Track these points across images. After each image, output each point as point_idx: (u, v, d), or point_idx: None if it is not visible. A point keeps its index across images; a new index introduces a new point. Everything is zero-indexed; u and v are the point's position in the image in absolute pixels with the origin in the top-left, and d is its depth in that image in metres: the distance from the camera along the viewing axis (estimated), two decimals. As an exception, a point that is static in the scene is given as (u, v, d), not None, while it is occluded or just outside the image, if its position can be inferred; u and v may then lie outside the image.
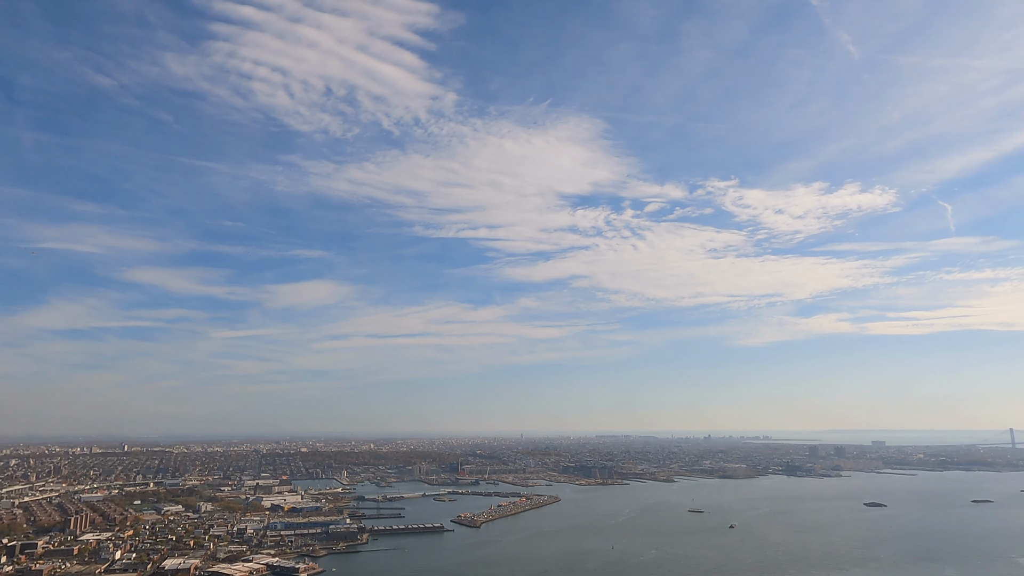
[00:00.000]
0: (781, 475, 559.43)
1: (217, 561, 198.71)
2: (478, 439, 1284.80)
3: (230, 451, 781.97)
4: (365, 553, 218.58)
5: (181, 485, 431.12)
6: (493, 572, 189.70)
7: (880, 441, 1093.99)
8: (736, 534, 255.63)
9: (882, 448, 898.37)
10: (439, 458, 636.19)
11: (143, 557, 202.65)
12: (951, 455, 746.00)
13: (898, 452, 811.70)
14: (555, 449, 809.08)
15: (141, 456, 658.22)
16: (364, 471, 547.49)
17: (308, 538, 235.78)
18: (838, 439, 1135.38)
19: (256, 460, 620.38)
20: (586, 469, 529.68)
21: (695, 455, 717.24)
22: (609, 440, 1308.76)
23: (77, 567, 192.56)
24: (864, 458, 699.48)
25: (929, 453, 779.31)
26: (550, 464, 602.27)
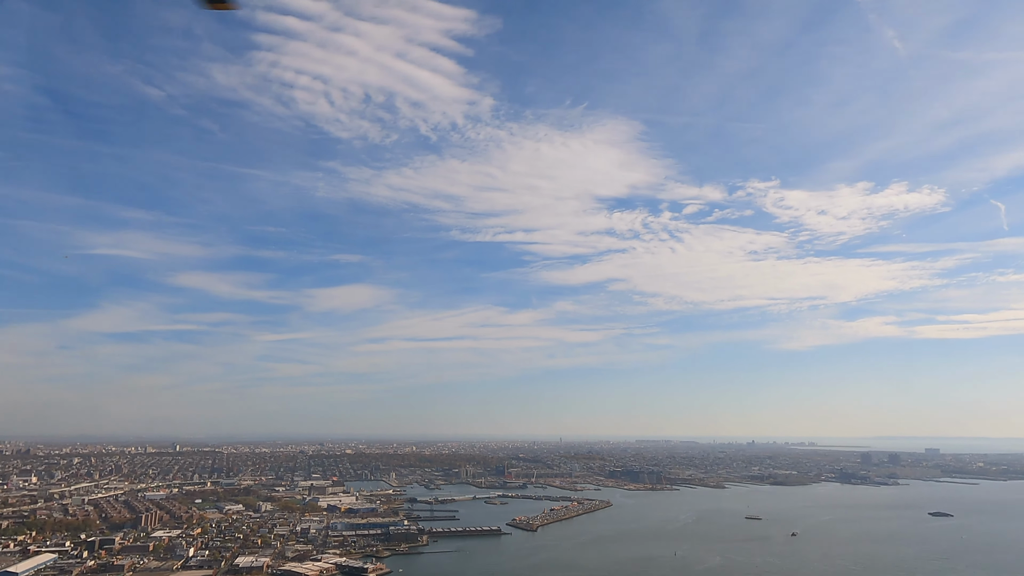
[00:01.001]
0: (834, 482, 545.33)
1: (286, 560, 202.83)
2: (516, 443, 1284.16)
3: (277, 452, 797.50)
4: (427, 555, 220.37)
5: (237, 485, 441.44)
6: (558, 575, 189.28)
7: (934, 449, 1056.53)
8: (799, 542, 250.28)
9: (937, 456, 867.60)
10: (483, 461, 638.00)
11: (215, 555, 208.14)
12: (1012, 464, 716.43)
13: (955, 460, 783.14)
14: (598, 454, 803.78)
15: (194, 456, 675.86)
16: (411, 473, 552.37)
17: (370, 539, 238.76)
18: (886, 446, 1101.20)
19: (304, 461, 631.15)
20: (633, 474, 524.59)
21: (742, 461, 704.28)
22: (650, 445, 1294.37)
23: (154, 563, 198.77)
24: (920, 466, 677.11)
25: (989, 462, 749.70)
26: (595, 468, 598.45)
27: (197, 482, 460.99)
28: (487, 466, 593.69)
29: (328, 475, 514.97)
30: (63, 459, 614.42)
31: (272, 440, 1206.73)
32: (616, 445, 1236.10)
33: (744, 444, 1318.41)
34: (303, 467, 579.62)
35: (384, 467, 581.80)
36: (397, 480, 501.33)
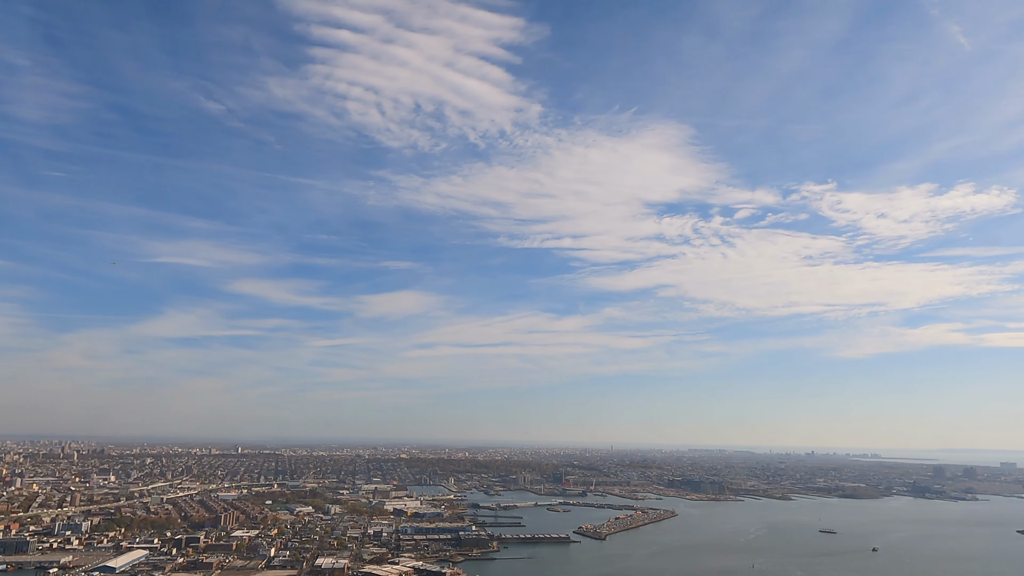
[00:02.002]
0: (906, 496, 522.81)
1: (364, 562, 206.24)
2: (567, 450, 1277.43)
3: (334, 455, 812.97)
4: (500, 561, 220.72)
5: (302, 487, 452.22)
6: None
7: (1010, 463, 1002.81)
8: (881, 558, 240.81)
9: (1015, 470, 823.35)
10: (539, 468, 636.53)
11: (296, 555, 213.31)
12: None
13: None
14: (653, 462, 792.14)
15: (256, 458, 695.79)
16: (468, 479, 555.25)
17: (441, 543, 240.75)
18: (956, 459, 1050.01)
19: (362, 465, 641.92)
20: (694, 484, 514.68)
21: (805, 472, 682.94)
22: (704, 454, 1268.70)
23: (239, 562, 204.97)
24: (998, 480, 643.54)
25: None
26: (653, 477, 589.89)
27: (264, 484, 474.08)
28: (543, 473, 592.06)
29: (388, 479, 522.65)
30: (136, 459, 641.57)
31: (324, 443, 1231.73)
32: (669, 454, 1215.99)
33: (803, 455, 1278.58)
34: (362, 471, 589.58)
35: (441, 472, 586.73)
36: (456, 485, 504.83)
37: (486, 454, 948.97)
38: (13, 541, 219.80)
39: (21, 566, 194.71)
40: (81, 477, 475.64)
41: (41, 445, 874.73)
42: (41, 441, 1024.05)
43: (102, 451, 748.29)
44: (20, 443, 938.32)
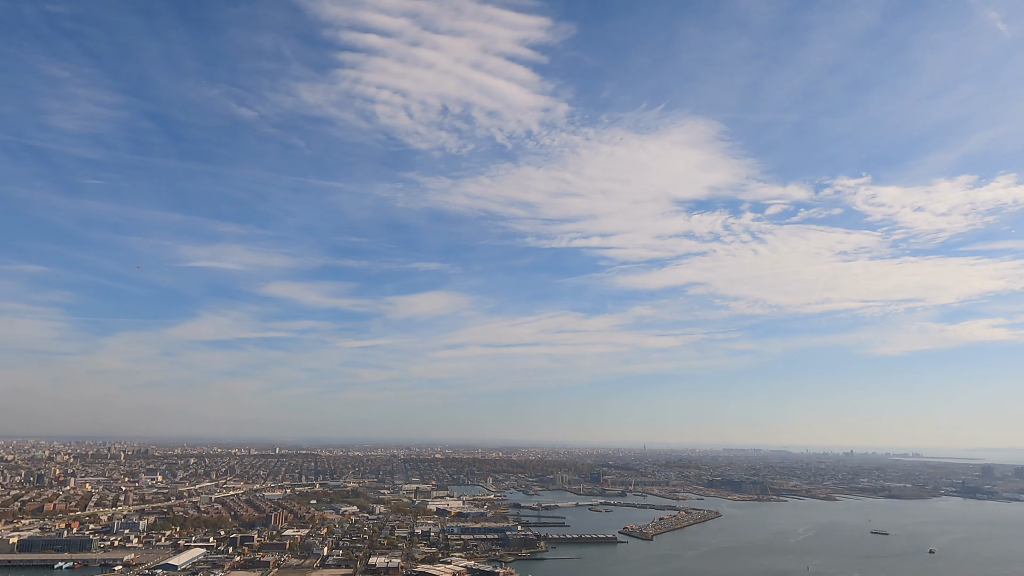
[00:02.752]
0: (955, 496, 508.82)
1: (416, 561, 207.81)
2: (599, 449, 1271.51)
3: (369, 455, 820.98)
4: (549, 561, 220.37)
5: (343, 487, 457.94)
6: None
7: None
8: (939, 560, 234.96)
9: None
10: (574, 468, 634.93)
11: (349, 554, 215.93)
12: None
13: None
14: (689, 462, 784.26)
15: (295, 458, 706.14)
16: (506, 479, 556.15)
17: (489, 543, 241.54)
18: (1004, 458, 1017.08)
19: (399, 465, 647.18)
20: (735, 484, 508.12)
21: (847, 472, 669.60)
22: (739, 454, 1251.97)
23: (294, 560, 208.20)
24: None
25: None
26: (692, 477, 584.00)
27: (306, 483, 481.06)
28: (580, 473, 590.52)
29: (426, 479, 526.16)
30: (180, 459, 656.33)
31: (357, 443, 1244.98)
32: (704, 453, 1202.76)
33: (841, 454, 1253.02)
34: (400, 471, 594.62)
35: (478, 472, 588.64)
36: (494, 485, 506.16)
37: (519, 454, 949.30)
38: (77, 539, 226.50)
39: (87, 563, 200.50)
40: (130, 477, 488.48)
41: (87, 446, 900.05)
42: (86, 442, 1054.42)
43: (146, 451, 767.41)
44: (67, 444, 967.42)
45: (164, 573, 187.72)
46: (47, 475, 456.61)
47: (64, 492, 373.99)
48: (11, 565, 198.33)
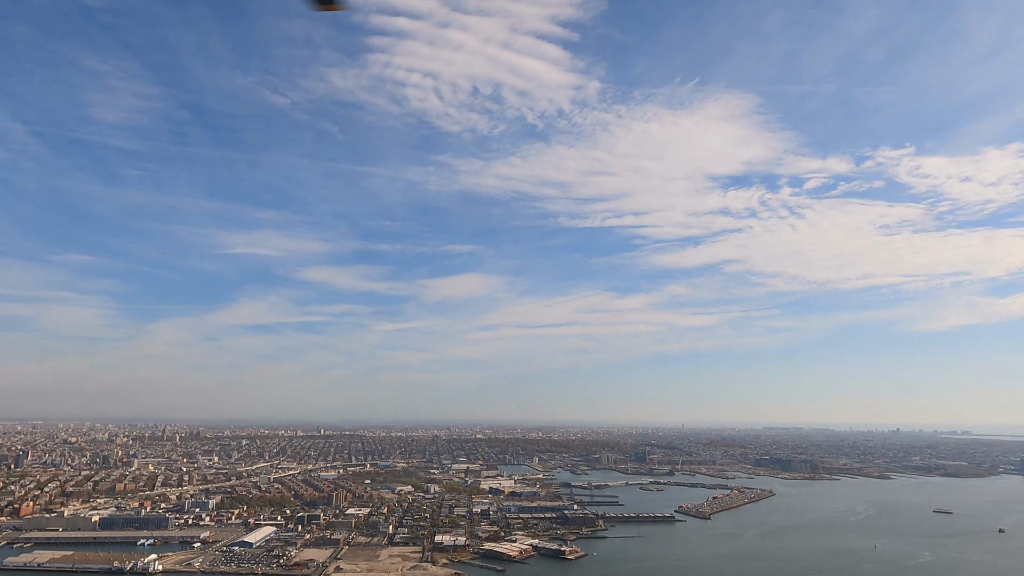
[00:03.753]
0: (1015, 475, 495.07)
1: (480, 540, 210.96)
2: (639, 428, 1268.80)
3: (411, 436, 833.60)
4: (610, 539, 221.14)
5: (393, 467, 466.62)
6: (762, 566, 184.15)
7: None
8: (1012, 540, 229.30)
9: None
10: (617, 447, 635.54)
11: (414, 532, 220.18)
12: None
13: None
14: (732, 441, 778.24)
15: (340, 439, 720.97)
16: (551, 458, 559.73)
17: (549, 522, 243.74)
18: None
19: (444, 445, 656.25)
20: (784, 462, 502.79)
21: (897, 450, 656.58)
22: (781, 432, 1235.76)
23: (362, 539, 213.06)
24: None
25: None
26: (738, 456, 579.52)
27: (356, 463, 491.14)
28: (624, 452, 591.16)
29: (472, 459, 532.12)
30: (231, 441, 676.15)
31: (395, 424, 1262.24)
32: (745, 432, 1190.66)
33: (887, 432, 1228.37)
34: (445, 451, 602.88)
35: (523, 452, 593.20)
36: (541, 465, 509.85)
37: (559, 433, 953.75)
38: (154, 517, 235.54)
39: (166, 540, 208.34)
40: (187, 458, 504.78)
41: (139, 428, 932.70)
42: (138, 424, 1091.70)
43: (198, 433, 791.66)
44: (120, 426, 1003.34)
45: (241, 550, 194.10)
46: (111, 456, 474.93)
47: (131, 472, 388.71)
48: (96, 542, 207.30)
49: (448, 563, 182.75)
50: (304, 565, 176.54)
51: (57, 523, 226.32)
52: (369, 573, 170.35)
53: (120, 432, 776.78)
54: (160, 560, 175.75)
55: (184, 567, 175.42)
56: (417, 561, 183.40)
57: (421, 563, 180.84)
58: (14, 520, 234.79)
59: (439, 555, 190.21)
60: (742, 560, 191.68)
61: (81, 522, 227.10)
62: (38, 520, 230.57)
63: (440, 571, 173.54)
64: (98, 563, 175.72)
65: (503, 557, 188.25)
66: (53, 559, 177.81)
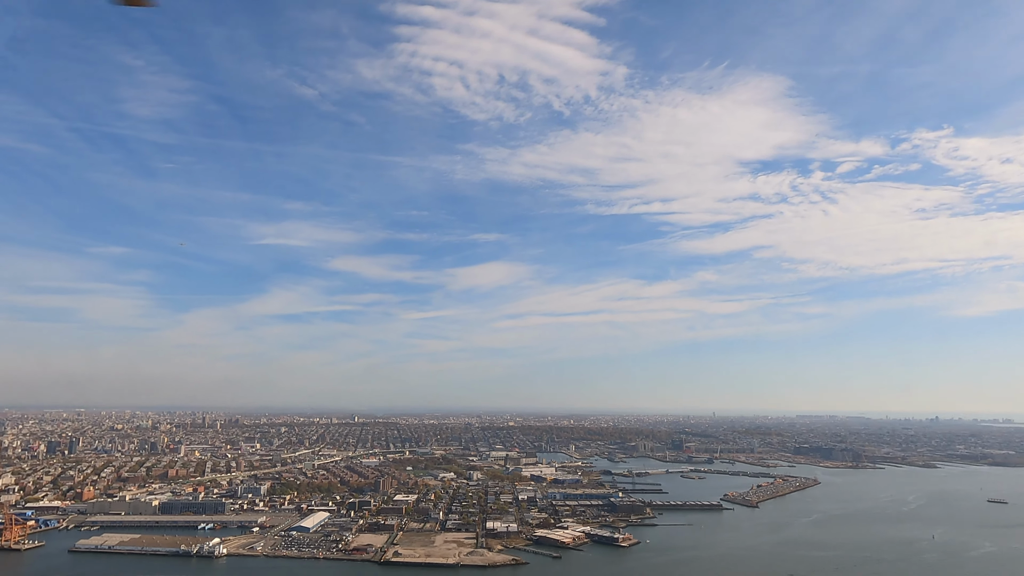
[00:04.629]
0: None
1: (531, 526, 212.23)
2: (667, 416, 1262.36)
3: (444, 424, 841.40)
4: (661, 527, 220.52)
5: (431, 454, 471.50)
6: (820, 556, 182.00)
7: None
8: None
9: None
10: (651, 435, 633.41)
11: (465, 519, 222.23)
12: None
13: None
14: (768, 429, 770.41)
15: (376, 427, 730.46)
16: (586, 446, 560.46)
17: (597, 509, 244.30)
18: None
19: (478, 433, 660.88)
20: (824, 451, 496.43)
21: (940, 439, 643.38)
22: (815, 420, 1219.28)
23: (414, 524, 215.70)
24: None
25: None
26: (776, 444, 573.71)
27: (395, 451, 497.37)
28: (659, 440, 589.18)
29: (508, 446, 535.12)
30: (270, 428, 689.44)
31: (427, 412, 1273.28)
32: (777, 420, 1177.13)
33: (925, 421, 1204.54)
34: (480, 438, 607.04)
35: (558, 440, 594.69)
36: (577, 453, 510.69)
37: (590, 421, 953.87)
38: (211, 502, 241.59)
39: (225, 525, 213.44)
40: (231, 445, 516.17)
41: (177, 416, 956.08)
42: (177, 412, 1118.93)
43: (236, 421, 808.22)
44: (160, 413, 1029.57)
45: (299, 534, 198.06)
46: (158, 443, 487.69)
47: (179, 459, 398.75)
48: (158, 526, 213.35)
49: (503, 549, 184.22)
50: (363, 550, 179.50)
51: (119, 507, 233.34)
52: (428, 558, 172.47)
53: (163, 420, 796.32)
54: (223, 544, 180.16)
55: (247, 551, 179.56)
56: (472, 547, 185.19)
57: (477, 549, 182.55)
58: (78, 504, 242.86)
59: (492, 541, 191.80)
60: (798, 549, 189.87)
61: (142, 506, 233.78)
62: (101, 504, 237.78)
63: (497, 557, 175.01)
64: (165, 546, 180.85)
65: (557, 543, 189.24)
66: (122, 542, 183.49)
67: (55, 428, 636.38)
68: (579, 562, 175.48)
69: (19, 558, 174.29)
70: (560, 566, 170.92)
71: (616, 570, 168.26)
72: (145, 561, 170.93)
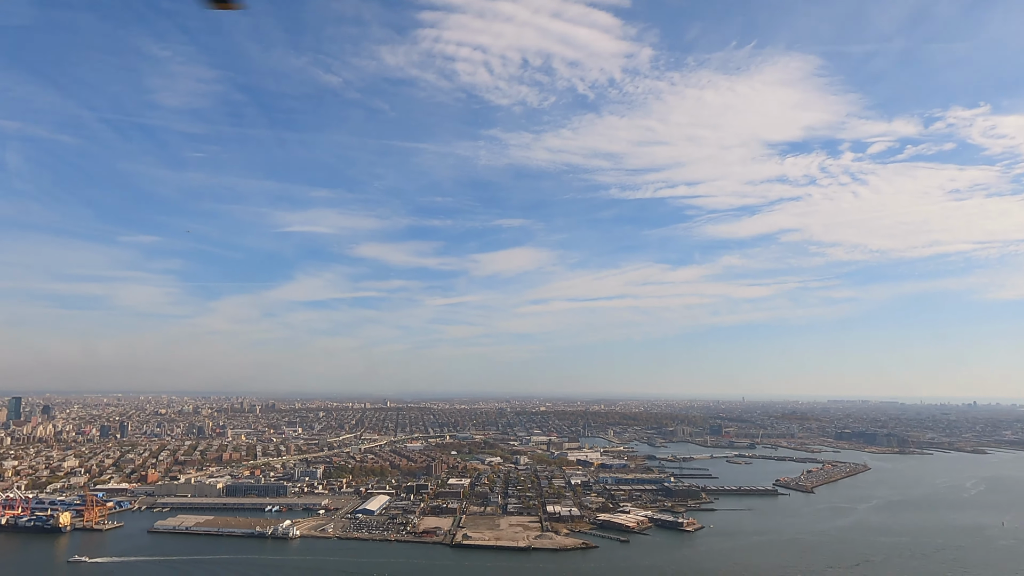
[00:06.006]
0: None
1: (592, 510, 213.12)
2: (696, 401, 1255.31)
3: (475, 408, 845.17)
4: (720, 512, 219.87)
5: (471, 438, 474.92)
6: (890, 541, 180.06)
7: None
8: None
9: None
10: (687, 420, 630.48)
11: (525, 503, 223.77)
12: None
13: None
14: (801, 414, 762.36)
15: (411, 412, 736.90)
16: (623, 431, 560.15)
17: (653, 494, 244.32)
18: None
19: (512, 418, 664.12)
20: (868, 436, 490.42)
21: (985, 424, 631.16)
22: (847, 405, 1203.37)
23: (475, 508, 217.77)
24: None
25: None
26: (815, 430, 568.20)
27: (435, 435, 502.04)
28: (695, 425, 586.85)
29: (545, 431, 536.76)
30: (307, 413, 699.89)
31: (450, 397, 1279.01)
32: (808, 405, 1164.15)
33: (962, 406, 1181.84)
34: (516, 423, 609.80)
35: (594, 425, 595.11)
36: (616, 438, 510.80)
37: (622, 406, 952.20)
38: (274, 485, 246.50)
39: (291, 507, 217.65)
40: (273, 429, 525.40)
41: (212, 400, 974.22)
42: (211, 397, 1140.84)
43: (272, 406, 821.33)
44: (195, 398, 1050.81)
45: (364, 517, 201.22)
46: (204, 427, 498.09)
47: (229, 443, 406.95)
48: (225, 508, 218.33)
49: (569, 532, 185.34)
50: (432, 532, 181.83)
51: (185, 489, 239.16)
52: (498, 541, 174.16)
53: (203, 404, 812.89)
54: (295, 526, 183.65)
55: (319, 532, 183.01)
56: (538, 530, 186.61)
57: (544, 533, 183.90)
58: (144, 486, 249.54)
59: (557, 525, 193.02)
60: (866, 534, 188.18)
61: (207, 489, 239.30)
62: (167, 487, 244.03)
63: (566, 540, 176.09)
64: (240, 528, 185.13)
65: (622, 527, 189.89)
66: (198, 523, 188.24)
67: (101, 413, 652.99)
68: (647, 546, 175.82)
69: (102, 538, 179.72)
70: (629, 550, 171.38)
71: (687, 554, 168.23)
72: (222, 542, 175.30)
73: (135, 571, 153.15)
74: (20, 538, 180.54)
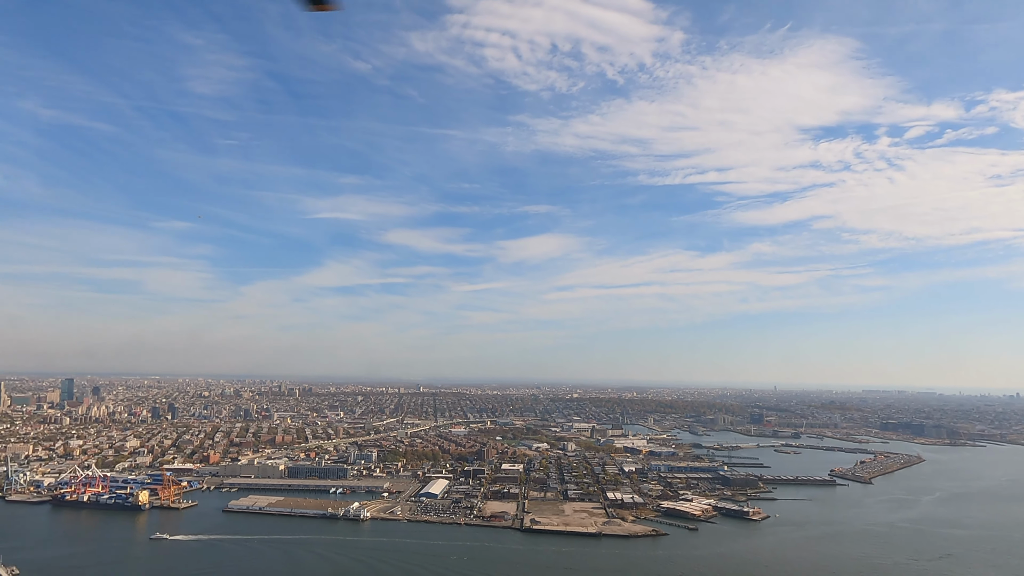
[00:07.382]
0: None
1: (652, 498, 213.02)
2: (727, 390, 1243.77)
3: (507, 394, 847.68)
4: (781, 502, 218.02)
5: (512, 424, 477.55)
6: (964, 535, 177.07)
7: None
8: None
9: None
10: (727, 409, 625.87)
11: (586, 489, 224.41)
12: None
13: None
14: (841, 404, 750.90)
15: (447, 397, 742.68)
16: (662, 419, 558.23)
17: (709, 482, 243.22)
18: None
19: (549, 404, 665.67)
20: (915, 427, 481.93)
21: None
22: (883, 395, 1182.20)
23: (535, 493, 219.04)
24: None
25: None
26: (858, 420, 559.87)
27: (476, 420, 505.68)
28: (735, 413, 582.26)
29: (584, 418, 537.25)
30: (346, 397, 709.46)
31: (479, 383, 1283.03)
32: (843, 394, 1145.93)
33: (1005, 397, 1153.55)
34: (552, 410, 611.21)
35: (632, 412, 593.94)
36: (657, 425, 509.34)
37: (654, 394, 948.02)
38: (334, 468, 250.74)
39: (353, 490, 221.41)
40: (316, 413, 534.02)
41: (245, 384, 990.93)
42: (245, 380, 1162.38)
43: (310, 390, 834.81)
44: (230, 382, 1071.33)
45: (428, 500, 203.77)
46: (250, 410, 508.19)
47: (279, 425, 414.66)
48: (290, 489, 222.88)
49: (635, 520, 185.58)
50: (500, 517, 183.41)
51: (248, 471, 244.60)
52: (566, 527, 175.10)
53: (243, 387, 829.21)
54: (365, 508, 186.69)
55: (388, 515, 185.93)
56: (603, 516, 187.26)
57: (610, 519, 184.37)
58: (208, 467, 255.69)
59: (621, 511, 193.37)
60: (938, 527, 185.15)
61: (269, 470, 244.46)
62: (231, 468, 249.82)
63: (635, 527, 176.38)
64: (311, 508, 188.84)
65: (687, 515, 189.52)
66: (271, 503, 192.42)
67: (147, 395, 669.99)
68: (716, 534, 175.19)
69: (179, 516, 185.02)
70: (698, 538, 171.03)
71: (758, 543, 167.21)
72: (295, 522, 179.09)
73: (214, 549, 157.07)
74: (102, 515, 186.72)
